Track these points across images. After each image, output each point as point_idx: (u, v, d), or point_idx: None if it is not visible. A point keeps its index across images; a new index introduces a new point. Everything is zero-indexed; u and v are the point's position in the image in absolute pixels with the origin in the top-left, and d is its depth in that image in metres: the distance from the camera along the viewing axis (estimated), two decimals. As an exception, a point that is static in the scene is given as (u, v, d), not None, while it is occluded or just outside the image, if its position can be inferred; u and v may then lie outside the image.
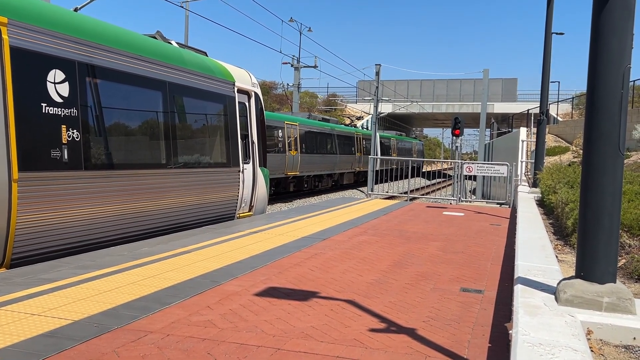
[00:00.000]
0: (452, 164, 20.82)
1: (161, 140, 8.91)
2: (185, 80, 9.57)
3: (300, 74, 41.11)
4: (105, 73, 7.70)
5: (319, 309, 4.83)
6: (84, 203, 7.23)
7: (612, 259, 3.97)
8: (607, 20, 3.93)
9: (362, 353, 3.81)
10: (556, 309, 3.84)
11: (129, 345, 3.80)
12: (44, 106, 6.65)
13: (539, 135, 16.95)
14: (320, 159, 32.26)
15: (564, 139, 30.17)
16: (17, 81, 6.32)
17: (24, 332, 3.96)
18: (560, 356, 2.90)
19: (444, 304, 5.11)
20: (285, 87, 47.00)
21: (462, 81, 67.23)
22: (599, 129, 3.96)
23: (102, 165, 7.57)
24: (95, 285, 5.32)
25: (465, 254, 7.69)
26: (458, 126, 24.82)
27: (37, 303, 4.69)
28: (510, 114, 46.90)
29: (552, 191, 11.82)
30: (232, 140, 10.97)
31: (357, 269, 6.46)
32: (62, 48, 6.97)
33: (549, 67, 16.15)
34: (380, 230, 9.81)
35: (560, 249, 7.61)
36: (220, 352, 3.75)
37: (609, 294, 3.91)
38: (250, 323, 4.37)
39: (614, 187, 3.94)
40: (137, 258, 6.66)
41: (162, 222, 8.92)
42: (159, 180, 8.75)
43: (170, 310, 4.62)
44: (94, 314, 4.43)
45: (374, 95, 40.81)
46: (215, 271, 6.09)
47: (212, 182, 10.24)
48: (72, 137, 7.04)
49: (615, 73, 3.90)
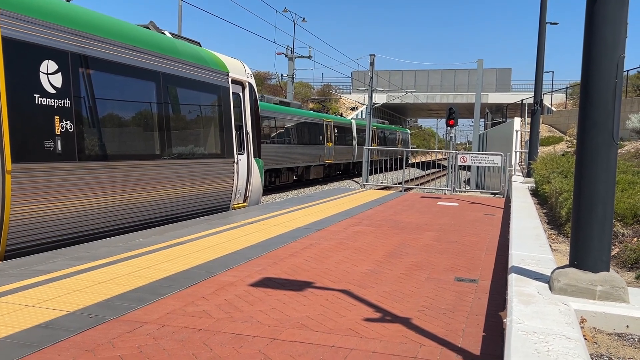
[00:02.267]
0: (447, 154, 20.85)
1: (155, 131, 8.88)
2: (178, 71, 9.53)
3: (294, 65, 40.99)
4: (98, 64, 7.65)
5: (314, 299, 4.84)
6: (78, 194, 7.21)
7: (606, 247, 3.99)
8: (601, 9, 3.93)
9: (357, 342, 3.83)
10: (550, 298, 3.87)
11: (124, 336, 3.80)
12: (37, 97, 6.61)
13: (533, 125, 16.99)
14: (274, 150, 27.02)
15: (558, 129, 30.24)
16: (10, 72, 6.27)
17: (19, 324, 3.96)
18: (554, 344, 2.92)
19: (439, 293, 5.13)
20: (279, 77, 46.80)
21: (457, 71, 67.26)
22: (592, 119, 3.97)
23: (95, 157, 7.54)
24: (90, 277, 5.32)
25: (459, 243, 7.72)
26: (452, 116, 24.85)
27: (32, 294, 4.69)
28: (504, 104, 46.93)
29: (546, 181, 11.87)
30: (226, 131, 10.94)
31: (352, 259, 6.48)
32: (54, 39, 6.92)
33: (543, 57, 16.16)
34: (375, 220, 9.83)
35: (554, 238, 7.64)
36: (215, 342, 3.76)
37: (602, 283, 3.94)
38: (246, 313, 4.38)
39: (608, 176, 3.96)
40: (132, 249, 6.65)
41: (157, 213, 8.91)
42: (153, 171, 8.72)
43: (166, 301, 4.62)
44: (89, 305, 4.43)
45: (369, 86, 40.79)
46: (211, 262, 6.09)
47: (207, 173, 10.22)
48: (66, 128, 7.00)
49: (609, 62, 3.91)
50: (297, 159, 30.22)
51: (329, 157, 35.34)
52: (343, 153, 38.71)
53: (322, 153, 34.18)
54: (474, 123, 42.71)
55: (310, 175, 32.67)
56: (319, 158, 33.66)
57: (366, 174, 21.75)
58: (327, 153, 35.10)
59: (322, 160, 34.17)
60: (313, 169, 32.99)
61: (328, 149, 35.26)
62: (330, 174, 37.11)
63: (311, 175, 32.81)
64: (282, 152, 28.28)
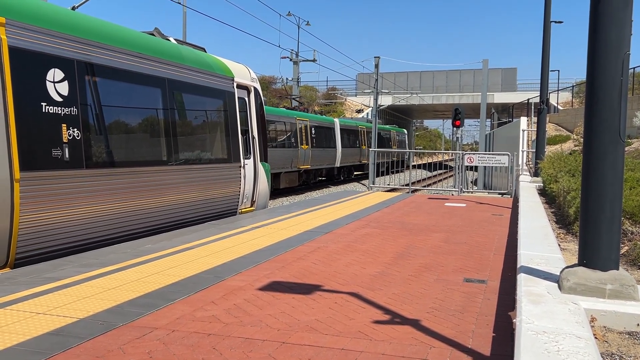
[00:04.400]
0: (453, 155, 20.80)
1: (162, 137, 8.91)
2: (184, 77, 9.57)
3: (299, 68, 41.02)
4: (104, 71, 7.70)
5: (323, 302, 4.84)
6: (86, 201, 7.24)
7: (615, 246, 3.98)
8: (605, 7, 3.92)
9: (367, 345, 3.82)
10: (559, 297, 3.85)
11: (134, 342, 3.82)
12: (44, 105, 6.66)
13: (540, 124, 16.94)
14: None
15: (565, 128, 30.14)
16: (17, 81, 6.32)
17: (29, 331, 3.98)
18: (564, 344, 2.91)
19: (448, 294, 5.12)
20: (284, 81, 46.66)
21: (462, 72, 67.16)
22: (599, 117, 3.96)
23: (103, 164, 7.57)
24: (100, 283, 5.34)
25: (467, 244, 7.70)
26: (458, 117, 24.77)
27: (42, 302, 4.71)
28: (510, 103, 46.83)
29: (554, 180, 11.82)
30: (232, 135, 10.97)
31: (360, 262, 6.47)
32: (60, 47, 6.97)
33: (549, 55, 16.12)
34: (383, 222, 9.82)
35: (562, 237, 7.61)
36: (225, 346, 3.77)
37: (612, 281, 3.92)
38: (255, 317, 4.39)
39: (615, 174, 3.95)
40: (140, 255, 6.67)
41: (165, 219, 8.94)
42: (161, 177, 8.75)
43: (175, 307, 4.63)
44: (99, 312, 4.45)
45: (374, 88, 40.75)
46: (219, 267, 6.10)
47: (214, 178, 10.24)
48: (73, 136, 7.04)
49: (615, 60, 3.90)
50: None
51: (304, 162, 29.94)
52: (323, 157, 32.93)
53: (295, 157, 28.67)
54: (480, 123, 42.55)
55: (280, 184, 26.67)
56: (292, 163, 28.17)
57: (373, 176, 21.72)
58: (302, 157, 29.63)
59: (295, 166, 28.61)
60: (284, 176, 27.15)
61: (303, 153, 29.71)
62: (308, 181, 31.54)
63: (281, 183, 26.83)
64: None
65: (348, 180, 38.75)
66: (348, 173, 39.55)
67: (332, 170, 36.13)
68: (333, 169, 36.09)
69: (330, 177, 36.52)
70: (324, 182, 35.57)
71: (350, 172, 40.07)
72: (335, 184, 35.79)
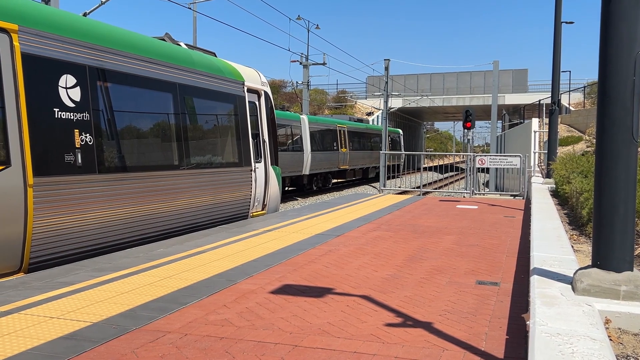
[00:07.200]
0: (464, 157, 20.71)
1: (173, 142, 8.95)
2: (195, 82, 9.61)
3: (309, 72, 41.04)
4: (115, 76, 7.75)
5: (334, 305, 4.84)
6: (98, 206, 7.29)
7: (629, 247, 3.94)
8: (616, 6, 3.89)
9: (379, 348, 3.81)
10: (573, 299, 3.82)
11: (147, 346, 3.83)
12: (57, 111, 6.71)
13: (551, 125, 16.83)
14: None
15: (577, 129, 29.93)
16: (30, 87, 6.38)
17: (43, 335, 4.01)
18: (578, 345, 2.88)
19: (460, 297, 5.10)
20: (294, 85, 46.68)
21: (472, 73, 66.89)
22: (611, 117, 3.93)
23: (115, 168, 7.62)
24: (113, 287, 5.37)
25: (480, 246, 7.67)
26: (469, 119, 24.69)
27: (56, 306, 4.74)
28: (521, 105, 46.56)
29: (566, 181, 11.74)
30: (243, 139, 11.00)
31: (372, 265, 6.46)
32: (72, 53, 7.02)
33: (560, 56, 16.03)
34: (394, 225, 9.80)
35: (575, 238, 7.56)
36: (238, 350, 3.77)
37: (626, 282, 3.89)
38: (267, 321, 4.39)
39: (629, 174, 3.91)
40: (153, 259, 6.70)
41: (177, 223, 8.97)
42: (172, 181, 8.79)
43: (187, 310, 4.65)
44: (112, 316, 4.47)
45: (384, 91, 40.69)
46: (231, 270, 6.12)
47: (225, 182, 10.27)
48: (85, 141, 7.09)
49: (627, 60, 3.87)
50: None
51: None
52: (286, 165, 25.82)
53: None
54: (491, 125, 42.38)
55: None
56: None
57: (384, 179, 21.68)
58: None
59: None
60: None
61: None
62: None
63: None
64: None
65: (325, 190, 31.68)
66: (324, 182, 32.03)
67: (300, 178, 28.60)
68: (301, 176, 28.64)
69: (299, 187, 29.04)
70: (295, 192, 28.95)
71: (326, 181, 32.33)
72: (304, 195, 28.77)
